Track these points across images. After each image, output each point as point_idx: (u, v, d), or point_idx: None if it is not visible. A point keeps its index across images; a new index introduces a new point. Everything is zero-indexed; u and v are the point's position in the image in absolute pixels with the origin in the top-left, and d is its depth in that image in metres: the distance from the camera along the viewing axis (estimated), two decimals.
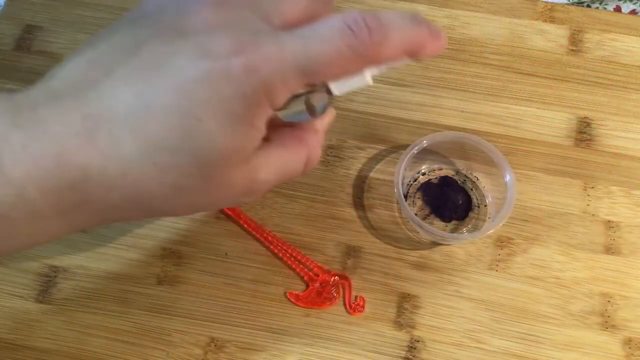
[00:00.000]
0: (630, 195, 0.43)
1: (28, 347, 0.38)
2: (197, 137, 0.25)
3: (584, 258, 0.41)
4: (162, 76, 0.25)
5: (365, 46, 0.26)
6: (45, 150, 0.24)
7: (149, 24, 0.27)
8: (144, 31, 0.26)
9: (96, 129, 0.25)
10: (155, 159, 0.25)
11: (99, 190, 0.25)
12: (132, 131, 0.25)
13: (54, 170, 0.24)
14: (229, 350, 0.38)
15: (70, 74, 0.26)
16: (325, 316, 0.39)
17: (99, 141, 0.25)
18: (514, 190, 0.39)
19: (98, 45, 0.26)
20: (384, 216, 0.42)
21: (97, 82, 0.25)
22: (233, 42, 0.25)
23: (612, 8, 0.51)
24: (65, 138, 0.24)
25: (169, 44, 0.25)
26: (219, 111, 0.25)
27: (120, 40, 0.26)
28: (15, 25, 0.49)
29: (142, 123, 0.25)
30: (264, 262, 0.40)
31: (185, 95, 0.25)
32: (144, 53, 0.25)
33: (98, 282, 0.40)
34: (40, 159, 0.24)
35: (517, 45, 0.48)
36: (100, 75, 0.25)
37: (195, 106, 0.25)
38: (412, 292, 0.40)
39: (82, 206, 0.26)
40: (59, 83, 0.26)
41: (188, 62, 0.25)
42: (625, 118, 0.45)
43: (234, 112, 0.25)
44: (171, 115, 0.25)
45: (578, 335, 0.39)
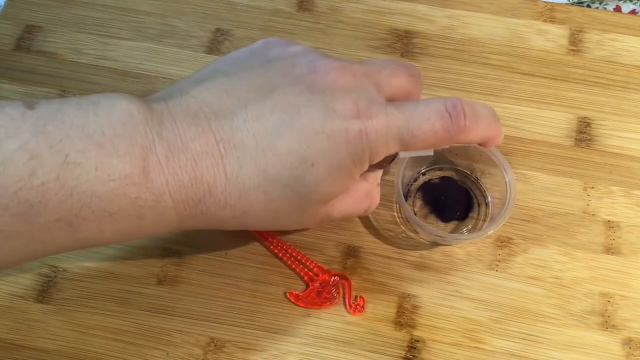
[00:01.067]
0: (630, 195, 0.43)
1: (28, 347, 0.38)
2: (307, 179, 0.29)
3: (584, 258, 0.41)
4: (290, 123, 0.29)
5: (457, 131, 0.31)
6: (183, 166, 0.28)
7: (281, 72, 0.30)
8: (277, 79, 0.30)
9: (227, 154, 0.28)
10: (267, 188, 0.29)
11: (216, 205, 0.29)
12: (255, 163, 0.29)
13: (188, 184, 0.28)
14: (229, 350, 0.38)
15: (205, 96, 0.29)
16: (325, 316, 0.39)
17: (227, 165, 0.28)
18: (514, 190, 0.39)
19: (232, 77, 0.30)
20: (384, 216, 0.42)
21: (232, 113, 0.29)
22: (353, 107, 0.29)
23: (612, 8, 0.51)
24: (201, 157, 0.28)
25: (299, 95, 0.29)
26: (331, 162, 0.29)
27: (254, 79, 0.30)
28: (15, 25, 0.49)
29: (265, 158, 0.29)
30: (264, 262, 0.40)
31: (307, 144, 0.29)
32: (277, 98, 0.29)
33: (98, 282, 0.40)
34: (179, 172, 0.28)
35: (517, 45, 0.48)
36: (236, 106, 0.29)
37: (314, 154, 0.29)
38: (412, 292, 0.40)
39: (199, 216, 0.30)
40: (195, 102, 0.29)
41: (314, 116, 0.29)
42: (625, 118, 0.45)
43: (343, 165, 0.30)
44: (291, 157, 0.29)
45: (578, 335, 0.39)
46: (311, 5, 0.50)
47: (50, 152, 0.26)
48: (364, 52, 0.48)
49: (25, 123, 0.26)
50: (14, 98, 0.45)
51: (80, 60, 0.47)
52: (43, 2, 0.49)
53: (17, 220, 0.26)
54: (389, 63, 0.33)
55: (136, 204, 0.28)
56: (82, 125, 0.27)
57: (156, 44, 0.48)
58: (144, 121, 0.28)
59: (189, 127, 0.28)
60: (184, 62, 0.47)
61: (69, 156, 0.26)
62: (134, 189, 0.27)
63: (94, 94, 0.29)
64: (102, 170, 0.26)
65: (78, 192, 0.26)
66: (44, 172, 0.26)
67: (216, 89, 0.30)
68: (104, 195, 0.27)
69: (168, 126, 0.28)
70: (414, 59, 0.47)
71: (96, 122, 0.27)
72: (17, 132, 0.26)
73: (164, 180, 0.28)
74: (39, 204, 0.26)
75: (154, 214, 0.28)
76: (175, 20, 0.49)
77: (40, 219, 0.26)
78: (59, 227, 0.27)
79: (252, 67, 0.31)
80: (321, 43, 0.48)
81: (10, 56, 0.47)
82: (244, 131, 0.29)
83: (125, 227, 0.28)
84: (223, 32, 0.48)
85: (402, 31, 0.49)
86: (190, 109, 0.29)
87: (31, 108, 0.27)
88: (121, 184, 0.27)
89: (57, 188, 0.26)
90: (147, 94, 0.45)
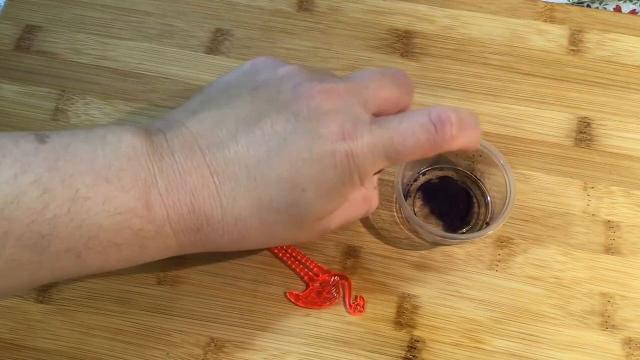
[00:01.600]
0: (630, 195, 0.43)
1: (28, 347, 0.38)
2: (300, 203, 0.31)
3: (584, 258, 0.41)
4: (278, 152, 0.30)
5: (443, 141, 0.31)
6: (182, 199, 0.30)
7: (267, 98, 0.31)
8: (264, 107, 0.31)
9: (221, 186, 0.30)
10: (262, 215, 0.31)
11: (214, 233, 0.31)
12: (249, 192, 0.30)
13: (187, 216, 0.30)
14: (228, 350, 0.38)
15: (199, 128, 0.31)
16: (325, 316, 0.39)
17: (222, 196, 0.30)
18: (514, 190, 0.39)
19: (222, 107, 0.31)
20: (384, 216, 0.42)
21: (224, 144, 0.30)
22: (338, 130, 0.30)
23: (612, 8, 0.51)
24: (198, 190, 0.30)
25: (285, 123, 0.30)
26: (321, 186, 0.30)
27: (242, 107, 0.31)
28: (15, 25, 0.49)
29: (258, 189, 0.30)
30: (264, 262, 0.40)
31: (296, 170, 0.30)
32: (265, 127, 0.30)
33: (98, 282, 0.40)
34: (178, 205, 0.29)
35: (517, 45, 0.48)
36: (227, 137, 0.30)
37: (303, 180, 0.30)
38: (412, 292, 0.40)
39: (198, 243, 0.32)
40: (189, 134, 0.31)
41: (301, 143, 0.30)
42: (625, 118, 0.45)
43: (333, 187, 0.31)
44: (282, 184, 0.30)
45: (578, 335, 0.39)
46: (311, 5, 0.50)
47: (62, 187, 0.27)
48: (364, 52, 0.48)
49: (38, 157, 0.28)
50: (14, 98, 0.46)
51: (80, 60, 0.47)
52: (43, 2, 0.49)
53: (29, 251, 0.27)
54: (376, 75, 0.33)
55: (139, 235, 0.29)
56: (91, 160, 0.28)
57: (156, 44, 0.48)
58: (146, 155, 0.29)
59: (186, 161, 0.30)
60: (184, 62, 0.47)
61: (79, 191, 0.28)
62: (137, 221, 0.29)
63: (101, 126, 0.31)
64: (109, 204, 0.28)
65: (87, 225, 0.28)
66: (56, 205, 0.27)
67: (208, 120, 0.31)
68: (110, 228, 0.28)
69: (167, 160, 0.30)
70: (414, 59, 0.47)
71: (104, 157, 0.29)
72: (31, 167, 0.27)
73: (164, 212, 0.29)
74: (50, 235, 0.27)
75: (155, 243, 0.30)
76: (175, 20, 0.49)
77: (50, 249, 0.28)
78: (67, 257, 0.28)
79: (241, 95, 0.32)
80: (321, 43, 0.48)
81: (10, 56, 0.47)
82: (235, 162, 0.30)
83: (129, 255, 0.30)
84: (223, 32, 0.48)
85: (402, 31, 0.49)
86: (186, 141, 0.31)
87: (43, 142, 0.29)
88: (126, 217, 0.28)
89: (68, 221, 0.27)
90: (147, 94, 0.46)
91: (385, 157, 0.31)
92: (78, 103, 0.46)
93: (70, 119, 0.45)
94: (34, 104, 0.45)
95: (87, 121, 0.45)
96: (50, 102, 0.45)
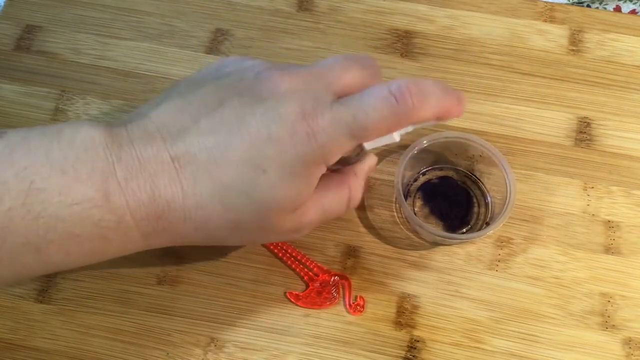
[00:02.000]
0: (630, 195, 0.43)
1: (28, 347, 0.38)
2: (261, 185, 0.30)
3: (584, 258, 0.41)
4: (239, 133, 0.30)
5: (407, 112, 0.30)
6: (142, 186, 0.29)
7: (230, 84, 0.31)
8: (226, 92, 0.31)
9: (182, 170, 0.29)
10: (222, 199, 0.30)
11: (177, 220, 0.30)
12: (209, 174, 0.30)
13: (147, 203, 0.29)
14: (229, 350, 0.38)
15: (161, 118, 0.31)
16: (325, 316, 0.39)
17: (182, 180, 0.30)
18: (514, 190, 0.39)
19: (186, 96, 0.31)
20: (384, 216, 0.42)
21: (185, 130, 0.30)
22: (298, 109, 0.30)
23: (612, 8, 0.51)
24: (158, 176, 0.29)
25: (245, 105, 0.30)
26: (282, 167, 0.30)
27: (205, 95, 0.31)
28: (15, 25, 0.49)
29: (218, 169, 0.30)
30: (264, 262, 0.40)
31: (256, 151, 0.30)
32: (225, 111, 0.30)
33: (98, 282, 0.40)
34: (138, 192, 0.29)
35: (517, 45, 0.48)
36: (188, 122, 0.30)
37: (263, 161, 0.30)
38: (412, 292, 0.40)
39: (162, 232, 0.31)
40: (151, 124, 0.30)
41: (261, 123, 0.30)
42: (625, 118, 0.45)
43: (294, 169, 0.30)
44: (243, 165, 0.30)
45: (578, 335, 0.39)
46: (311, 5, 0.50)
47: (16, 179, 0.27)
48: (364, 52, 0.48)
49: None
50: (14, 98, 0.46)
51: (80, 60, 0.47)
52: (43, 2, 0.49)
53: None
54: (340, 59, 0.33)
55: (99, 225, 0.29)
56: (46, 152, 0.28)
57: (156, 44, 0.48)
58: (104, 145, 0.29)
59: (146, 148, 0.30)
60: (184, 62, 0.47)
61: (34, 182, 0.27)
62: (96, 212, 0.28)
63: (59, 123, 0.31)
64: (65, 195, 0.28)
65: (43, 217, 0.27)
66: (11, 197, 0.27)
67: (171, 109, 0.31)
68: (69, 219, 0.28)
69: (126, 149, 0.29)
70: (414, 59, 0.47)
71: (60, 149, 0.28)
72: None
73: (124, 201, 0.29)
74: (6, 228, 0.27)
75: (117, 234, 0.30)
76: (175, 20, 0.49)
77: (7, 243, 0.27)
78: (26, 251, 0.28)
79: (205, 84, 0.32)
80: (321, 43, 0.48)
81: (10, 56, 0.47)
82: (196, 146, 0.30)
83: (91, 248, 0.30)
84: (223, 32, 0.48)
85: (402, 31, 0.49)
86: (147, 130, 0.30)
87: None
88: (84, 207, 0.28)
89: (24, 213, 0.27)
90: (147, 94, 0.46)
91: (349, 134, 0.31)
92: (78, 103, 0.46)
93: (70, 119, 0.45)
94: (34, 104, 0.45)
95: None
96: (50, 102, 0.46)
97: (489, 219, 0.41)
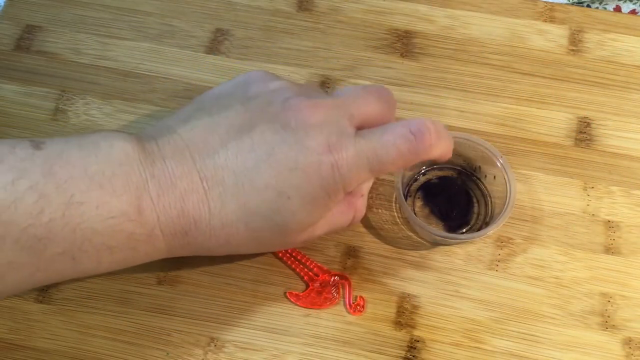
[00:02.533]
0: (630, 195, 0.43)
1: (28, 347, 0.38)
2: (284, 211, 0.32)
3: (584, 258, 0.41)
4: (266, 161, 0.31)
5: (423, 150, 0.33)
6: (172, 203, 0.31)
7: (258, 109, 0.33)
8: (255, 117, 0.32)
9: (210, 191, 0.31)
10: (247, 221, 0.32)
11: (202, 236, 0.32)
12: (236, 198, 0.31)
13: (176, 219, 0.31)
14: (229, 350, 0.38)
15: (190, 135, 0.32)
16: (325, 316, 0.39)
17: (210, 201, 0.31)
18: (514, 191, 0.39)
19: (214, 115, 0.33)
20: (384, 216, 0.42)
21: (215, 152, 0.31)
22: (324, 142, 0.32)
23: (612, 8, 0.51)
24: (188, 195, 0.31)
25: (274, 133, 0.32)
26: (305, 195, 0.32)
27: (234, 117, 0.33)
28: (15, 25, 0.49)
29: (245, 193, 0.31)
30: (264, 262, 0.40)
31: (283, 179, 0.31)
32: (254, 137, 0.32)
33: (98, 282, 0.40)
34: (168, 209, 0.31)
35: (517, 45, 0.48)
36: (218, 145, 0.32)
37: (289, 189, 0.31)
38: (412, 292, 0.40)
39: (186, 246, 0.33)
40: (181, 140, 0.32)
41: (288, 153, 0.31)
42: (625, 118, 0.45)
43: (317, 197, 0.32)
44: (268, 192, 0.31)
45: (578, 335, 0.39)
46: (311, 5, 0.50)
47: (57, 192, 0.29)
48: (364, 52, 0.48)
49: (34, 164, 0.29)
50: (14, 98, 0.46)
51: (80, 60, 0.47)
52: (43, 2, 0.49)
53: (26, 253, 0.28)
54: (360, 91, 0.35)
55: (132, 238, 0.31)
56: (85, 166, 0.30)
57: (156, 44, 0.48)
58: (138, 161, 0.31)
59: (177, 166, 0.31)
60: (184, 62, 0.47)
61: (73, 196, 0.29)
62: (129, 225, 0.30)
63: (94, 133, 0.32)
64: (102, 209, 0.29)
65: (81, 229, 0.29)
66: (51, 210, 0.28)
67: (200, 128, 0.33)
68: (104, 231, 0.30)
69: (159, 165, 0.31)
70: (414, 59, 0.47)
71: (97, 163, 0.30)
72: (27, 173, 0.29)
73: (155, 216, 0.31)
74: (46, 238, 0.28)
75: (146, 246, 0.31)
76: (175, 20, 0.49)
77: (46, 252, 0.29)
78: (62, 259, 0.30)
79: (233, 105, 0.33)
80: (321, 43, 0.48)
81: (10, 56, 0.47)
82: (225, 169, 0.31)
83: (121, 258, 0.31)
84: (223, 32, 0.48)
85: (402, 31, 0.49)
86: (178, 147, 0.32)
87: (38, 149, 0.30)
88: (119, 221, 0.30)
89: (63, 224, 0.29)
90: (147, 94, 0.46)
91: (368, 168, 0.33)
92: (78, 103, 0.46)
93: (70, 119, 0.45)
94: (34, 104, 0.45)
95: (87, 121, 0.45)
96: (50, 102, 0.46)
97: (489, 218, 0.41)
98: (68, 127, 0.45)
